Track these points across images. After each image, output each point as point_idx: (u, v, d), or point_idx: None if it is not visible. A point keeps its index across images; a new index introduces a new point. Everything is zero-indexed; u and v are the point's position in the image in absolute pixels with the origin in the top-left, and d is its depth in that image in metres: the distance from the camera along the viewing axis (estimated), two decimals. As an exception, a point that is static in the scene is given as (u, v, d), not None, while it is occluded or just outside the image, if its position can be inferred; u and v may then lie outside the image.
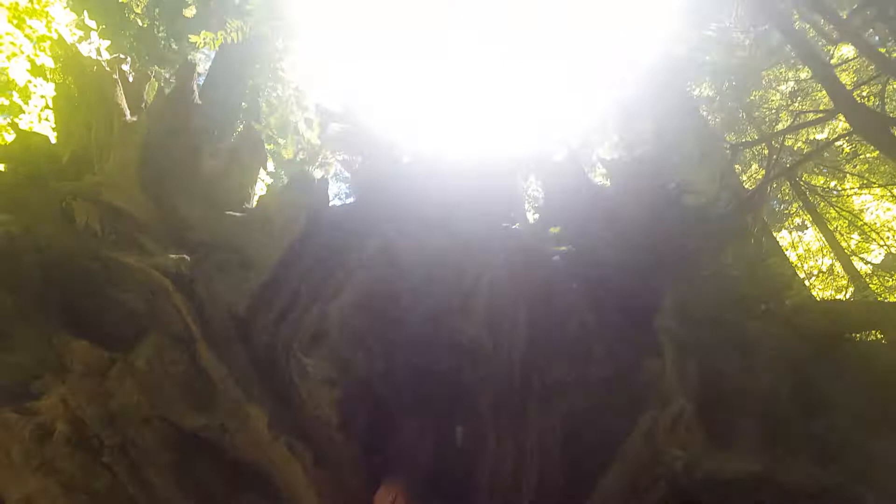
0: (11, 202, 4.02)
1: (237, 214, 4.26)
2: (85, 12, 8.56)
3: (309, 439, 3.47)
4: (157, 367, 3.42)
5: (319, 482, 3.30)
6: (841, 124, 12.07)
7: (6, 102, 7.45)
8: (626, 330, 3.88)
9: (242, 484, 3.35)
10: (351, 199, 4.76)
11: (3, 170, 4.34)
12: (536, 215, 4.99)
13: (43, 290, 3.81)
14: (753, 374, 3.65)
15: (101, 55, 8.05)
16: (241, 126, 4.87)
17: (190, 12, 10.60)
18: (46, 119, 7.42)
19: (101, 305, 3.87)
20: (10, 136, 7.00)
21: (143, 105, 4.71)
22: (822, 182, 13.38)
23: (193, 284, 3.75)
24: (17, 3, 7.41)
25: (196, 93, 4.51)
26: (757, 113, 12.99)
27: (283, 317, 3.80)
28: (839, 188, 13.24)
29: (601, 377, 3.60)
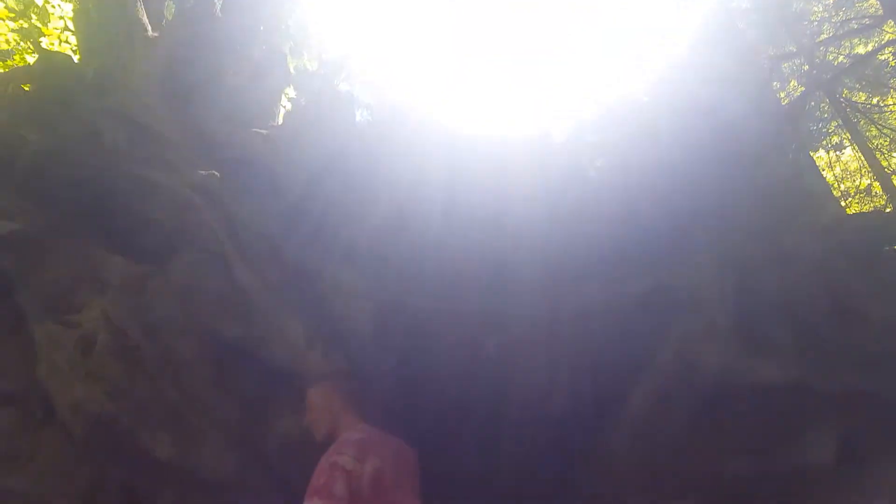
0: (39, 122, 4.01)
1: (263, 132, 4.21)
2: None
3: (345, 349, 3.53)
4: (193, 281, 3.46)
5: (355, 390, 3.37)
6: (887, 36, 11.45)
7: (26, 26, 7.35)
8: (662, 246, 3.81)
9: (281, 391, 3.44)
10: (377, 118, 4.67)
11: (28, 90, 4.31)
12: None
13: (75, 208, 3.85)
14: (790, 285, 3.59)
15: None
16: (265, 40, 4.74)
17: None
18: (67, 41, 7.32)
19: (132, 223, 3.91)
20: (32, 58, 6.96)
21: (164, 21, 4.61)
22: (863, 98, 12.83)
23: (224, 202, 3.75)
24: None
25: (218, 6, 4.39)
26: (798, 26, 12.36)
27: (314, 237, 3.80)
28: (882, 104, 12.69)
29: (635, 293, 3.57)
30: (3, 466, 2.90)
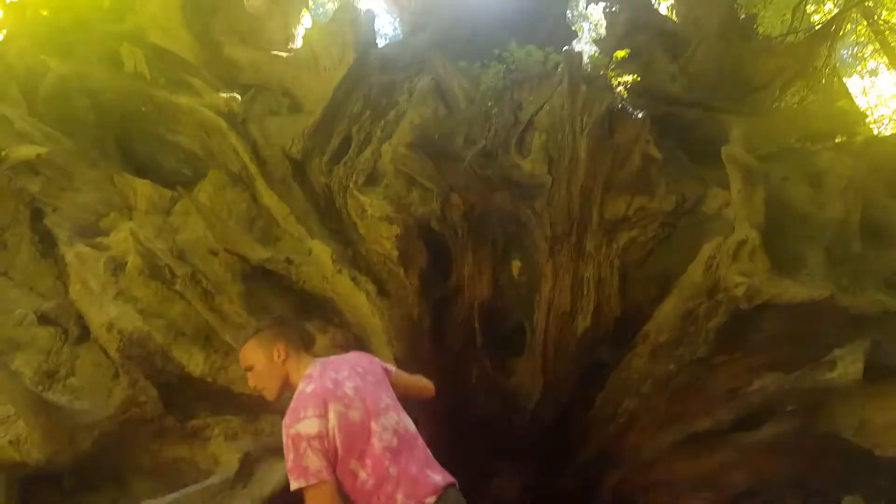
0: (60, 47, 3.96)
1: (283, 55, 4.14)
2: None
3: (371, 273, 3.56)
4: (219, 204, 3.48)
5: (383, 310, 3.41)
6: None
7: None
8: (691, 164, 3.76)
9: (309, 311, 3.48)
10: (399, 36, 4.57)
11: (46, 15, 4.25)
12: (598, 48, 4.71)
13: (99, 133, 3.85)
14: (822, 203, 3.54)
15: None
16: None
17: None
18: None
19: (156, 148, 3.91)
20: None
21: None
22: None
23: (246, 124, 3.73)
24: None
25: (233, -76, 4.26)
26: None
27: (337, 158, 3.77)
28: (923, 28, 12.04)
29: (663, 210, 3.53)
30: (44, 382, 2.98)
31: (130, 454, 2.97)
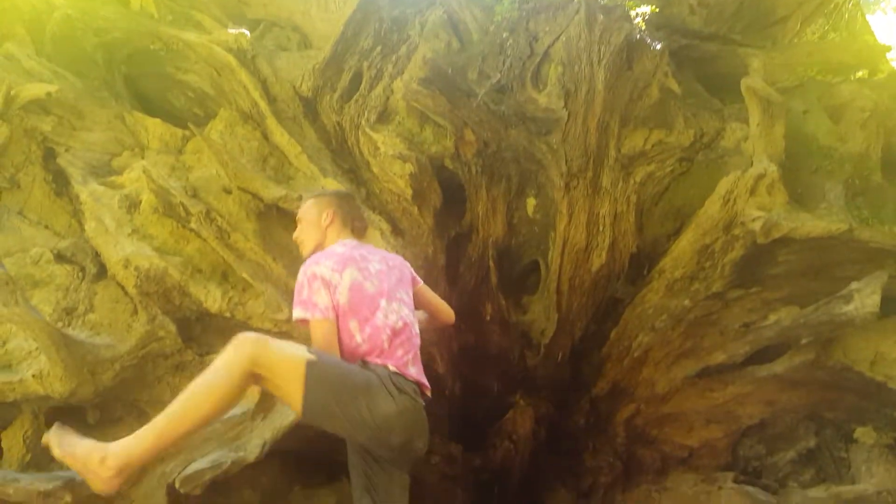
0: (62, -15, 3.87)
1: (292, -11, 4.04)
2: None
3: (385, 212, 3.54)
4: (231, 141, 3.44)
5: (398, 249, 3.40)
6: None
7: None
8: (710, 98, 3.68)
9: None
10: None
11: (47, -49, 4.14)
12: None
13: (107, 72, 3.79)
14: (842, 136, 3.48)
15: None
16: None
17: None
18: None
19: (166, 87, 3.86)
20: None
21: None
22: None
23: (256, 61, 3.65)
24: None
25: None
26: None
27: (349, 95, 3.71)
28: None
29: (681, 145, 3.48)
30: (64, 318, 3.01)
31: (151, 388, 3.01)
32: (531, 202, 3.70)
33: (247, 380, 1.92)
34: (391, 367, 2.10)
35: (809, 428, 3.52)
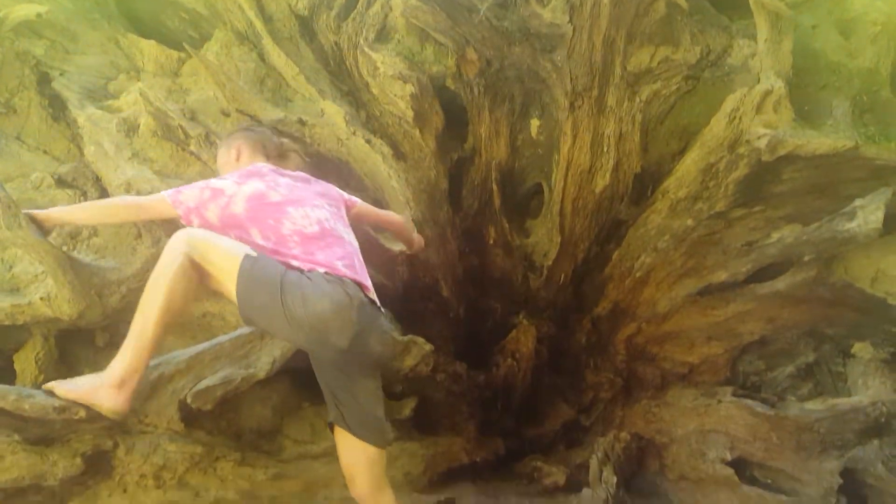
0: None
1: None
2: None
3: (386, 135, 3.50)
4: (228, 63, 3.36)
5: (400, 173, 3.38)
6: None
7: None
8: (717, 14, 3.57)
9: (326, 174, 3.44)
10: None
11: None
12: None
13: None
14: (852, 51, 3.40)
15: None
16: None
17: None
18: None
19: (159, 8, 3.72)
20: None
21: None
22: None
23: (250, -21, 3.54)
24: None
25: None
26: None
27: (346, 13, 3.60)
28: None
29: (688, 62, 3.40)
30: (68, 242, 2.98)
31: (159, 310, 3.05)
32: (535, 123, 3.65)
33: (190, 268, 2.01)
34: (319, 269, 2.09)
35: (809, 344, 3.59)
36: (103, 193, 3.16)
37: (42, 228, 2.41)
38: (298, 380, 3.04)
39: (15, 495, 2.23)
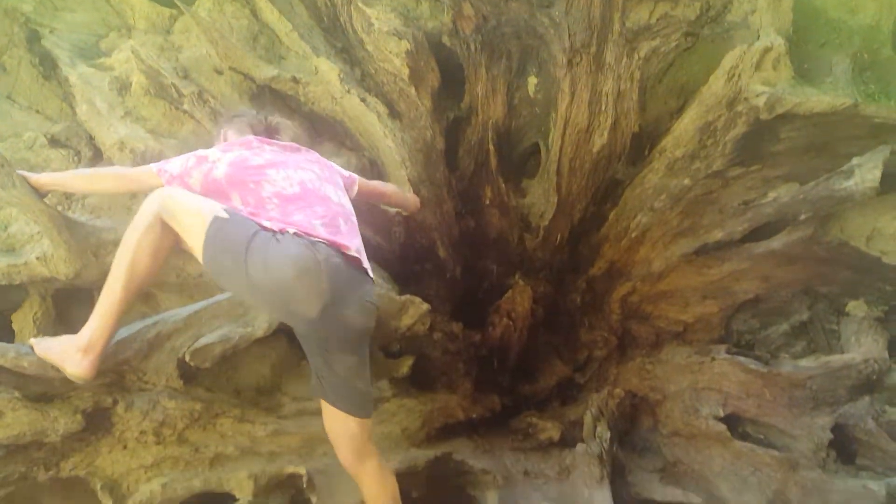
0: None
1: None
2: None
3: (381, 94, 3.46)
4: (220, 20, 3.30)
5: (395, 132, 3.36)
6: None
7: None
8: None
9: (321, 134, 3.44)
10: None
11: None
12: None
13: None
14: (853, 8, 3.35)
15: None
16: None
17: None
18: None
19: (149, -36, 3.67)
20: None
21: None
22: None
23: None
24: None
25: None
26: None
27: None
28: None
29: (687, 18, 3.35)
30: (63, 202, 2.97)
31: (156, 270, 3.05)
32: (532, 81, 3.61)
33: (158, 228, 1.97)
34: (290, 230, 1.98)
35: (803, 302, 3.61)
36: (97, 153, 3.14)
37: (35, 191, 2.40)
38: (296, 338, 3.06)
39: (17, 451, 2.26)
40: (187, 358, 2.51)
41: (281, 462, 2.74)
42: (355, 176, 2.64)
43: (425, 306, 3.22)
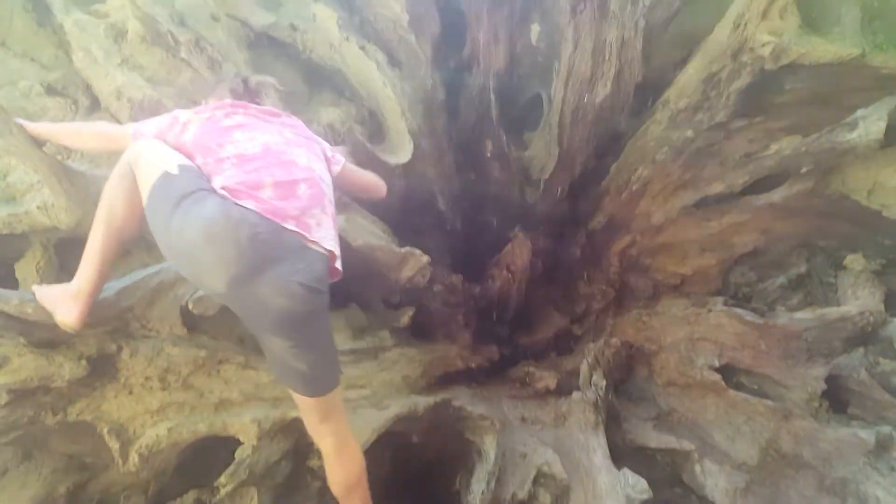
0: None
1: None
2: None
3: (380, 41, 3.41)
4: (215, -36, 3.23)
5: (395, 81, 3.32)
6: None
7: None
8: None
9: (320, 83, 3.40)
10: None
11: None
12: None
13: None
14: (863, -47, 3.26)
15: None
16: None
17: None
18: None
19: None
20: None
21: None
22: None
23: None
24: None
25: None
26: None
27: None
28: None
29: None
30: (62, 152, 2.94)
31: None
32: (535, 29, 3.54)
33: (129, 177, 1.95)
34: (220, 189, 1.79)
35: (801, 255, 3.62)
36: (94, 101, 3.11)
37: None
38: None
39: (25, 396, 2.30)
40: (190, 306, 2.53)
41: (284, 407, 2.78)
42: (342, 158, 2.39)
43: (425, 258, 3.23)
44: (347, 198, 2.93)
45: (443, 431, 3.26)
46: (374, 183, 2.58)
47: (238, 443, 2.69)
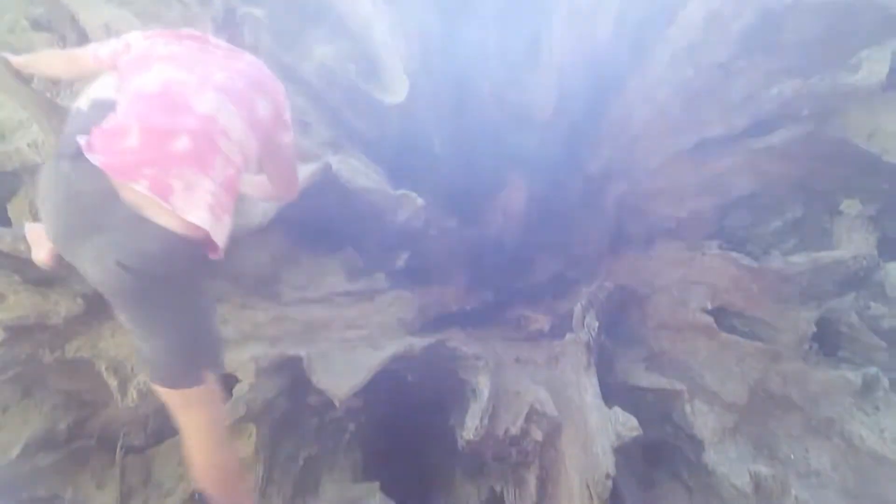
0: None
1: None
2: None
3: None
4: None
5: (390, 17, 3.23)
6: None
7: None
8: None
9: (313, 21, 3.31)
10: None
11: None
12: None
13: None
14: None
15: None
16: None
17: None
18: None
19: None
20: None
21: None
22: None
23: None
24: None
25: None
26: None
27: None
28: None
29: None
30: (50, 89, 2.88)
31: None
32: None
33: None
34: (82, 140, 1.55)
35: (797, 199, 3.61)
36: (82, 36, 3.01)
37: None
38: (292, 232, 3.09)
39: (22, 333, 2.33)
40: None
41: (282, 346, 2.82)
42: (287, 138, 1.98)
43: (420, 201, 3.22)
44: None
45: (438, 371, 3.32)
46: (289, 181, 2.16)
47: (236, 380, 2.73)
